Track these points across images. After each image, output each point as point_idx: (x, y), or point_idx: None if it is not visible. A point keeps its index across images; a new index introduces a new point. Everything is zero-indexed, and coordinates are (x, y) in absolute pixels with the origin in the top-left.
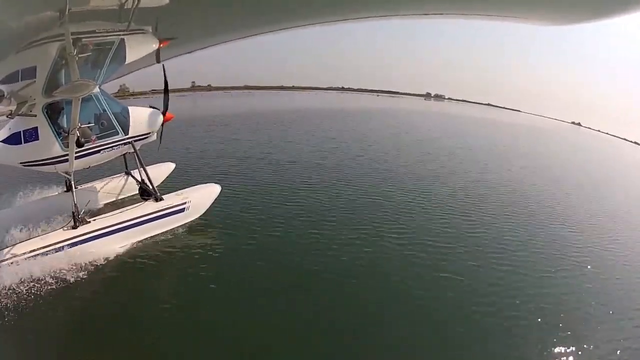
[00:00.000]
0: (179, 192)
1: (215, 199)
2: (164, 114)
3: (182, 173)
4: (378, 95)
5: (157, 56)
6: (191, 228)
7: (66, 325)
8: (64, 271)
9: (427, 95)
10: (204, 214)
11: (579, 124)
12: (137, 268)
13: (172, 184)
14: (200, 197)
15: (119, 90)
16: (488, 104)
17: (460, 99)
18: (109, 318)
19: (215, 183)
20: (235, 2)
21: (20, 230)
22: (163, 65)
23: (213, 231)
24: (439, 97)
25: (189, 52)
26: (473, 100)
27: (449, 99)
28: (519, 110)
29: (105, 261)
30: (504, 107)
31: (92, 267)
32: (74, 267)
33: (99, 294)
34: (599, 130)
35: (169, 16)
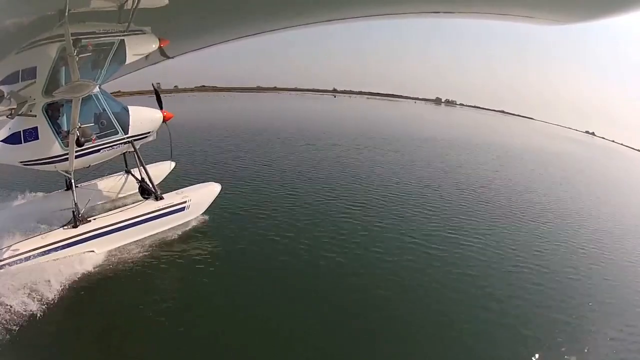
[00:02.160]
0: (179, 190)
1: (216, 198)
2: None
3: (183, 172)
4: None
5: (146, 57)
6: (191, 227)
7: (65, 324)
8: (64, 270)
9: (437, 101)
10: (204, 212)
11: (592, 133)
12: (138, 267)
13: (172, 182)
14: (200, 196)
15: None
16: (501, 111)
17: (473, 105)
18: (108, 317)
19: (216, 182)
20: (234, 3)
21: (21, 229)
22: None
23: (213, 230)
24: (450, 103)
25: (188, 52)
26: (486, 107)
27: (461, 104)
28: (532, 118)
29: (105, 260)
30: (517, 115)
31: (92, 267)
32: (75, 266)
33: (98, 293)
34: (613, 141)
35: (169, 16)
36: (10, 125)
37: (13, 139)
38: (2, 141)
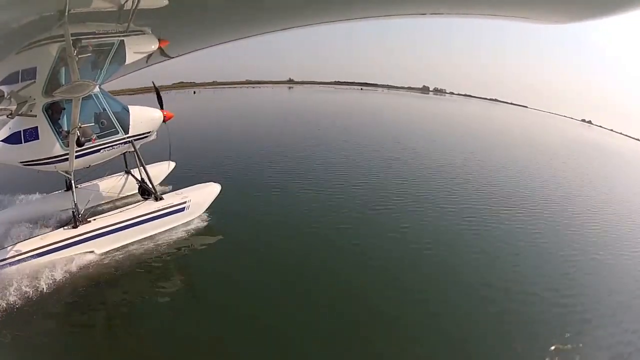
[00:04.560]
0: (179, 191)
1: (215, 198)
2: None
3: (182, 172)
4: (362, 89)
5: (147, 58)
6: (191, 227)
7: (66, 324)
8: (65, 270)
9: (425, 89)
10: (203, 213)
11: (589, 122)
12: (137, 267)
13: (172, 183)
14: (200, 197)
15: None
16: (494, 100)
17: (464, 93)
18: (108, 317)
19: (215, 182)
20: (235, 3)
21: (21, 230)
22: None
23: (213, 230)
24: (439, 92)
25: (188, 53)
26: (477, 95)
27: (451, 93)
28: (525, 107)
29: (106, 260)
30: (510, 103)
31: (93, 267)
32: (75, 266)
33: (98, 293)
34: (611, 130)
35: (169, 17)
36: (11, 125)
37: (13, 138)
38: (2, 141)
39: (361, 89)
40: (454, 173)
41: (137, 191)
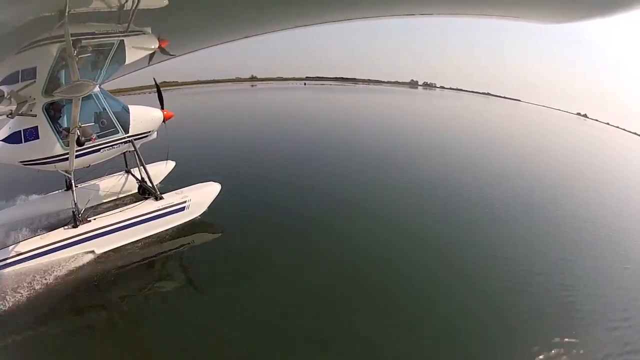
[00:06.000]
0: (179, 190)
1: (215, 198)
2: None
3: (182, 171)
4: (305, 84)
5: (150, 58)
6: (191, 227)
7: (66, 324)
8: (64, 270)
9: (413, 84)
10: (203, 212)
11: (585, 115)
12: (137, 267)
13: (172, 182)
14: (200, 196)
15: None
16: (487, 94)
17: (455, 87)
18: (108, 317)
19: (215, 181)
20: (234, 4)
21: (21, 229)
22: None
23: (212, 230)
24: (429, 86)
25: (188, 53)
26: (469, 90)
27: (442, 87)
28: (519, 100)
29: (105, 260)
30: (503, 97)
31: (92, 266)
32: (75, 266)
33: (98, 292)
34: (607, 123)
35: (169, 17)
36: (11, 124)
37: (13, 138)
38: (2, 140)
39: (304, 84)
40: (454, 170)
41: (137, 190)
